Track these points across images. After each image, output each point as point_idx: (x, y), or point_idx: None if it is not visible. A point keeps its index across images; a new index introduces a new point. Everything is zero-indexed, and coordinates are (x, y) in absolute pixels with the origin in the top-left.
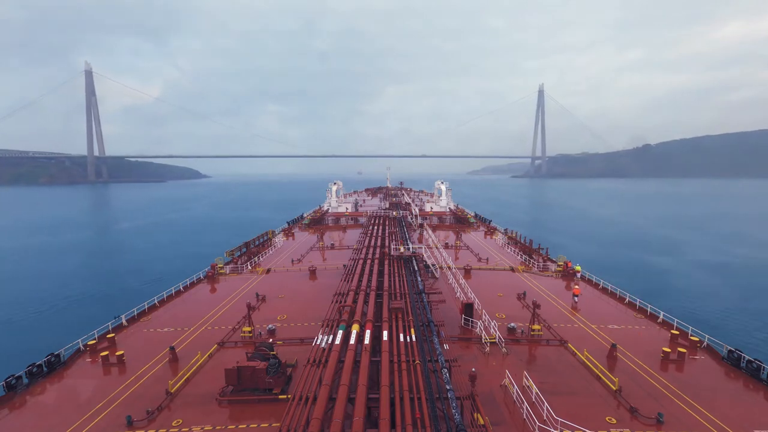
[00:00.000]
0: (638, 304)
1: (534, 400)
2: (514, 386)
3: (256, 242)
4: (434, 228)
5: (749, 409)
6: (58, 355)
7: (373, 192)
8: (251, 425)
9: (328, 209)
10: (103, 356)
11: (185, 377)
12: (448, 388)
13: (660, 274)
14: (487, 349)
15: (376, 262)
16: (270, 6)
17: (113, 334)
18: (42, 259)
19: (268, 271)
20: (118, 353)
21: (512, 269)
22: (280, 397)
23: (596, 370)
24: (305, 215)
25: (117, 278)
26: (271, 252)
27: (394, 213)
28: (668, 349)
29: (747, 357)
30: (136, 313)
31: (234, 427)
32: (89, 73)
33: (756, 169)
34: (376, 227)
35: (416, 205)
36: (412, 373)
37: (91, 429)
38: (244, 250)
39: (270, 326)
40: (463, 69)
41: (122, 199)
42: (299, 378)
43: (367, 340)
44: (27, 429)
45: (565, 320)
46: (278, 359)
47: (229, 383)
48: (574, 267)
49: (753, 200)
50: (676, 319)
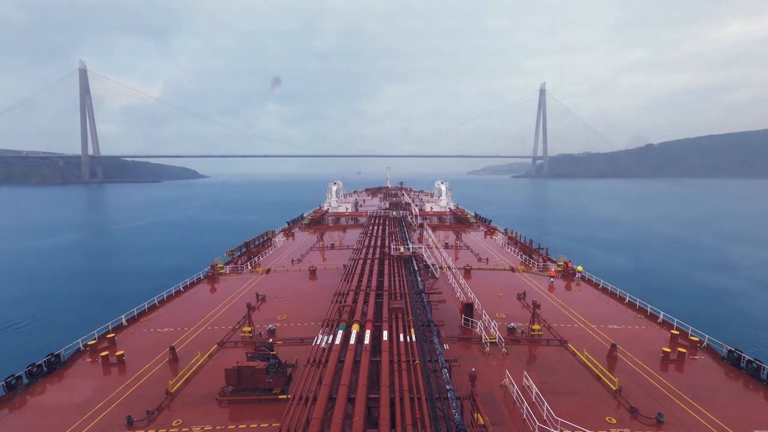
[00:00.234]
0: (638, 304)
1: (534, 400)
2: (514, 386)
3: (256, 242)
4: (434, 228)
5: (749, 409)
6: (58, 355)
7: (373, 192)
8: (251, 425)
9: (328, 209)
10: (103, 356)
11: (185, 377)
12: (448, 388)
13: (660, 274)
14: (487, 349)
15: (376, 262)
16: (270, 6)
17: (113, 334)
18: (28, 261)
19: (268, 271)
20: (118, 353)
21: (512, 269)
22: (280, 397)
23: (596, 370)
24: (305, 215)
25: (117, 278)
26: (271, 252)
27: (394, 213)
28: (668, 349)
29: (747, 357)
30: (136, 313)
31: (234, 427)
32: (83, 71)
33: (760, 169)
34: (376, 227)
35: (416, 205)
36: (412, 373)
37: (91, 429)
38: (244, 250)
39: (270, 326)
40: (463, 69)
41: (108, 201)
42: (299, 378)
43: (367, 340)
44: (27, 429)
45: (565, 320)
46: (278, 359)
47: (229, 383)
48: (576, 267)
49: (755, 200)
50: (676, 319)
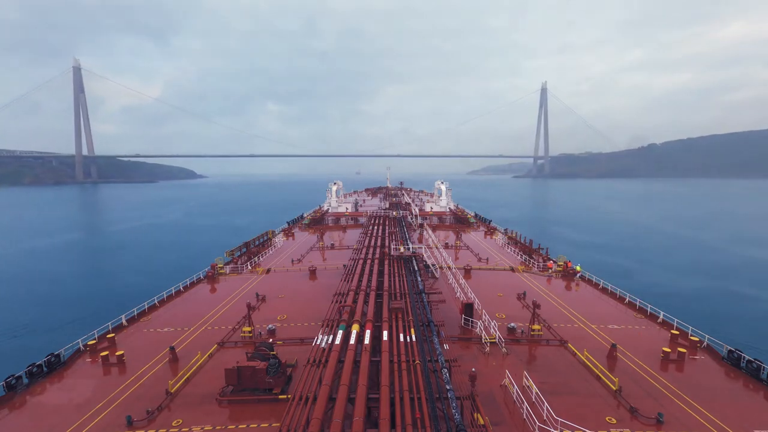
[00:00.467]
0: (638, 304)
1: (534, 400)
2: (514, 386)
3: (256, 242)
4: (434, 228)
5: (749, 409)
6: (58, 355)
7: (373, 192)
8: (251, 425)
9: (328, 209)
10: (103, 356)
11: (185, 377)
12: (448, 388)
13: (660, 274)
14: (487, 349)
15: (376, 262)
16: (271, 6)
17: (113, 334)
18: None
19: (268, 271)
20: (118, 353)
21: (512, 269)
22: (280, 397)
23: (596, 370)
24: (305, 215)
25: (117, 278)
26: (271, 252)
27: (394, 213)
28: (668, 349)
29: (747, 357)
30: (136, 313)
31: (234, 427)
32: (77, 70)
33: (764, 169)
34: (376, 227)
35: (416, 205)
36: (412, 373)
37: (91, 429)
38: (244, 250)
39: (270, 326)
40: (463, 69)
41: (91, 202)
42: (299, 378)
43: (367, 340)
44: (27, 429)
45: (565, 320)
46: (278, 359)
47: (229, 383)
48: (575, 267)
49: (757, 200)
50: (676, 319)
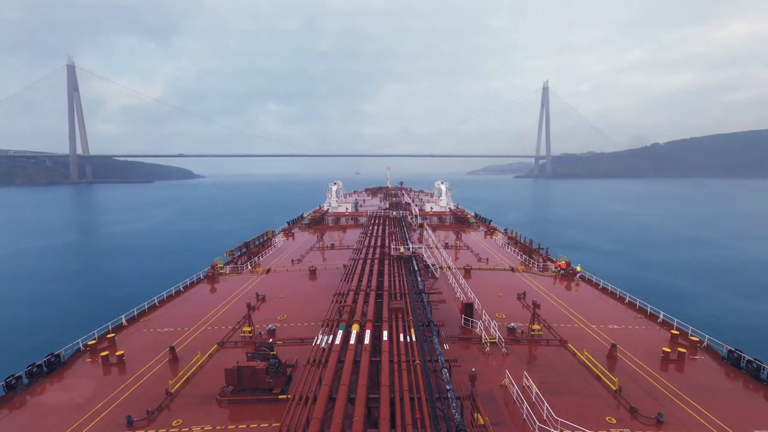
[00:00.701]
0: (638, 304)
1: (534, 400)
2: (514, 386)
3: (256, 242)
4: (434, 228)
5: (749, 409)
6: (58, 355)
7: (373, 192)
8: (251, 425)
9: (328, 209)
10: (103, 356)
11: (185, 377)
12: (448, 388)
13: (661, 274)
14: (487, 349)
15: (376, 262)
16: (271, 6)
17: (113, 334)
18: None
19: (268, 271)
20: (118, 353)
21: (512, 269)
22: (280, 397)
23: (596, 370)
24: (305, 215)
25: (117, 278)
26: (271, 252)
27: (394, 213)
28: (668, 349)
29: (747, 357)
30: (136, 313)
31: (234, 427)
32: (72, 68)
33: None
34: (376, 227)
35: (416, 205)
36: (412, 373)
37: (91, 429)
38: (244, 250)
39: (270, 326)
40: (463, 69)
41: (77, 203)
42: (299, 378)
43: (367, 340)
44: (27, 429)
45: (565, 320)
46: (278, 359)
47: (229, 383)
48: (575, 267)
49: (759, 201)
50: (676, 319)
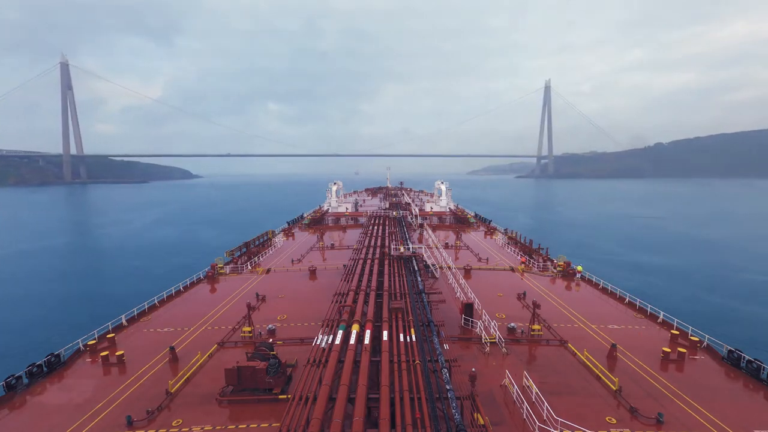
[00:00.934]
0: (638, 304)
1: (534, 400)
2: (514, 386)
3: (256, 242)
4: (434, 228)
5: (749, 409)
6: (58, 355)
7: (373, 192)
8: (251, 425)
9: (328, 209)
10: (103, 356)
11: (185, 377)
12: (448, 388)
13: (662, 274)
14: (487, 349)
15: (376, 262)
16: (271, 6)
17: (113, 334)
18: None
19: (268, 271)
20: (118, 353)
21: (512, 269)
22: (280, 397)
23: (596, 370)
24: (305, 215)
25: (117, 279)
26: (271, 252)
27: (394, 213)
28: (668, 349)
29: (747, 357)
30: (136, 313)
31: (234, 427)
32: (65, 66)
33: None
34: (376, 227)
35: (416, 205)
36: (412, 373)
37: (91, 429)
38: (244, 250)
39: (270, 326)
40: (463, 69)
41: (64, 204)
42: (299, 378)
43: (367, 340)
44: (27, 429)
45: (565, 320)
46: (278, 359)
47: (229, 383)
48: (575, 267)
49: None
50: (676, 319)
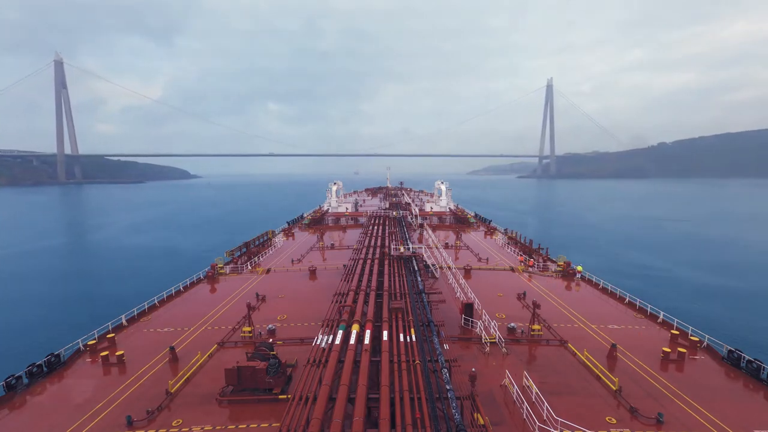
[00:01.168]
0: (638, 304)
1: (534, 400)
2: (514, 386)
3: (256, 242)
4: (434, 228)
5: (749, 409)
6: (58, 355)
7: (373, 192)
8: (251, 425)
9: (328, 209)
10: (103, 356)
11: (185, 377)
12: (448, 388)
13: (661, 274)
14: (487, 349)
15: (376, 262)
16: (271, 6)
17: (113, 334)
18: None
19: (268, 271)
20: (118, 353)
21: (512, 269)
22: (280, 397)
23: (596, 370)
24: (305, 215)
25: (117, 279)
26: (271, 252)
27: (394, 213)
28: (668, 349)
29: (747, 357)
30: (136, 313)
31: (234, 427)
32: (59, 64)
33: None
34: (376, 227)
35: (416, 205)
36: (412, 373)
37: (91, 429)
38: (244, 250)
39: (270, 326)
40: (464, 69)
41: (48, 205)
42: (299, 378)
43: (367, 340)
44: (27, 429)
45: (565, 320)
46: (278, 359)
47: (229, 383)
48: (575, 267)
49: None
50: (676, 319)
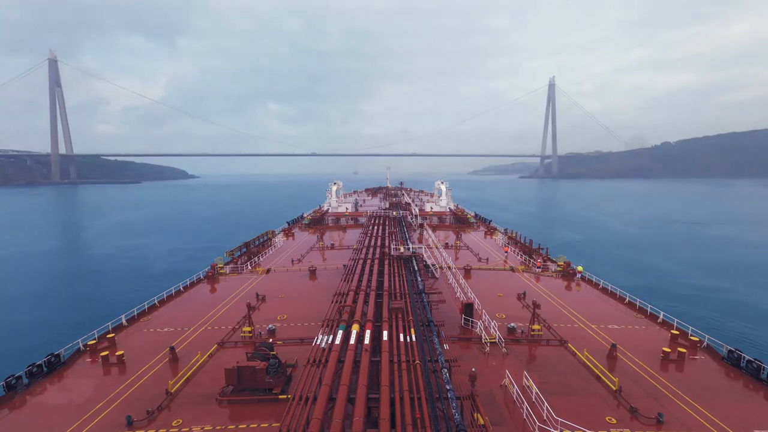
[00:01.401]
0: (638, 304)
1: (534, 400)
2: (514, 386)
3: (256, 242)
4: (434, 228)
5: (749, 409)
6: (58, 355)
7: (373, 192)
8: (251, 425)
9: (328, 209)
10: (103, 356)
11: (185, 377)
12: (448, 388)
13: (661, 274)
14: (487, 349)
15: (376, 262)
16: (271, 6)
17: (113, 334)
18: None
19: (268, 271)
20: (118, 353)
21: (512, 269)
22: (280, 397)
23: (596, 370)
24: (305, 215)
25: (117, 280)
26: (271, 252)
27: (394, 213)
28: (668, 349)
29: (747, 357)
30: (136, 313)
31: (234, 427)
32: (54, 62)
33: None
34: (376, 227)
35: (416, 205)
36: (412, 373)
37: (91, 429)
38: (244, 250)
39: (270, 326)
40: (464, 69)
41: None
42: (299, 378)
43: (367, 340)
44: (27, 429)
45: (565, 320)
46: (278, 359)
47: (229, 383)
48: (575, 267)
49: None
50: (676, 319)
